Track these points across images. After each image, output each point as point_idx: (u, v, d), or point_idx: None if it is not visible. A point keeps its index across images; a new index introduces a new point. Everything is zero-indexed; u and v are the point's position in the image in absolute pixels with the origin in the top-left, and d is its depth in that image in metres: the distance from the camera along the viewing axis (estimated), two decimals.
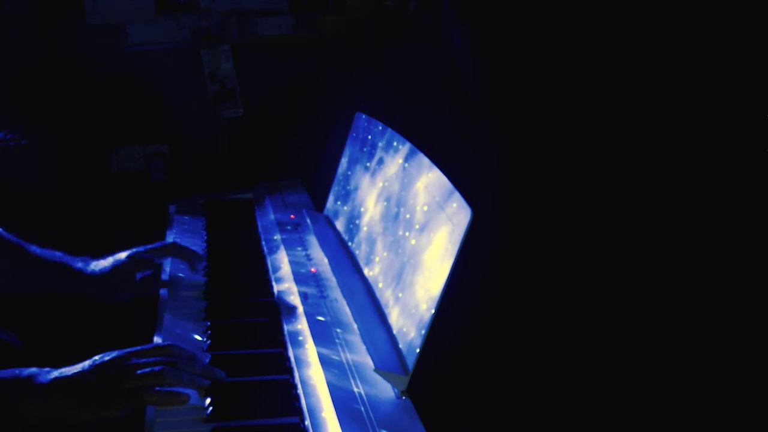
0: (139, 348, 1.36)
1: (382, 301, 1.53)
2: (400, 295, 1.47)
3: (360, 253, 1.72)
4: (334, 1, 2.61)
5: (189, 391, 1.33)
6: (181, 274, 1.82)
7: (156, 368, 1.31)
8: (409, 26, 2.36)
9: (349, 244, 1.80)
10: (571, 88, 1.65)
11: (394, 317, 1.46)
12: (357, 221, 1.80)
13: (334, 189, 2.02)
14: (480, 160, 1.65)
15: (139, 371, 1.31)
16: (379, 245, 1.64)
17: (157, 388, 1.30)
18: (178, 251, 1.85)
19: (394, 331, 1.44)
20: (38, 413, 1.29)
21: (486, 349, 1.37)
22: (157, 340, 1.52)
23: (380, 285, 1.57)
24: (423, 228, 1.47)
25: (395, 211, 1.61)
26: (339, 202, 1.97)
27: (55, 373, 1.31)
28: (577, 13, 1.71)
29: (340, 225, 1.91)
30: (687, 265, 1.40)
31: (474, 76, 1.87)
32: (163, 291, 1.74)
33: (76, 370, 1.31)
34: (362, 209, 1.79)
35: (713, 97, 1.46)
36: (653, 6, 1.56)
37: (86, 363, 1.33)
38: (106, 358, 1.33)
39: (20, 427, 1.31)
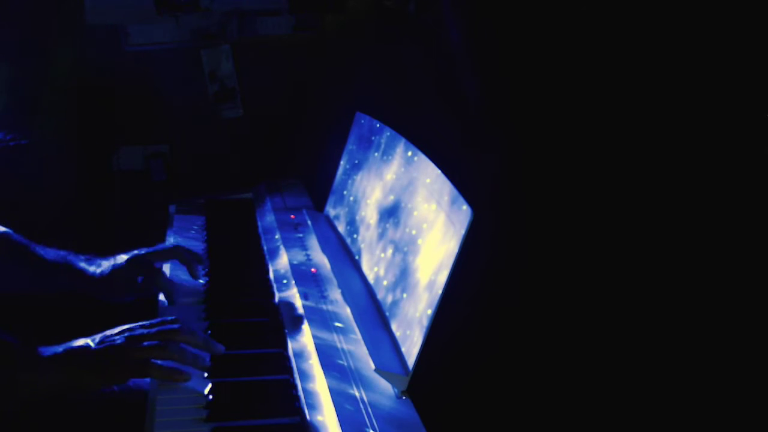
0: (146, 322, 1.43)
1: (383, 301, 1.53)
2: (401, 295, 1.47)
3: (360, 253, 1.72)
4: (334, 1, 2.61)
5: (187, 385, 1.37)
6: (181, 276, 1.82)
7: (162, 342, 1.38)
8: (409, 26, 2.36)
9: (349, 244, 1.80)
10: (572, 88, 1.65)
11: (395, 317, 1.46)
12: (357, 221, 1.80)
13: (334, 189, 2.02)
14: (480, 160, 1.64)
15: (145, 343, 1.38)
16: (379, 245, 1.64)
17: (161, 362, 1.37)
18: (179, 255, 1.83)
19: (395, 331, 1.44)
20: (51, 383, 1.35)
21: (486, 349, 1.38)
22: None
23: (381, 285, 1.57)
24: (423, 228, 1.47)
25: (396, 212, 1.61)
26: (339, 202, 1.97)
27: (66, 345, 1.38)
28: (577, 13, 1.71)
29: (340, 225, 1.91)
30: (686, 264, 1.40)
31: (474, 75, 1.87)
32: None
33: (86, 342, 1.39)
34: (362, 209, 1.79)
35: (713, 97, 1.46)
36: (654, 6, 1.56)
37: (96, 336, 1.40)
38: (115, 330, 1.41)
39: (35, 396, 1.37)
